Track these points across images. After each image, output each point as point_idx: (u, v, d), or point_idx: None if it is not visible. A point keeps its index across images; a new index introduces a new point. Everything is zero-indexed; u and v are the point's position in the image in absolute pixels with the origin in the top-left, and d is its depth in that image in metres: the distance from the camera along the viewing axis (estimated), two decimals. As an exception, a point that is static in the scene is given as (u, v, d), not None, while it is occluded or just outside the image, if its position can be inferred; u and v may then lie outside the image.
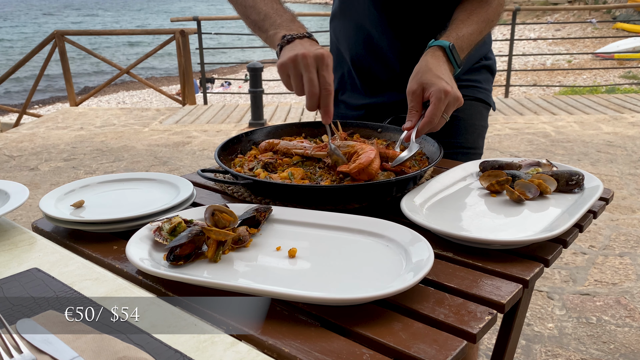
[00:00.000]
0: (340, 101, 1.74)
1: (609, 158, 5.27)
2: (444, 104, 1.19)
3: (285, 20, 1.25)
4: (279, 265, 0.86)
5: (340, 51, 1.70)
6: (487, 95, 1.66)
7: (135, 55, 21.59)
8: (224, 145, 1.30)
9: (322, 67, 1.10)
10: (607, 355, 2.49)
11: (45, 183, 5.02)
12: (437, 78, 1.21)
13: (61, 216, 0.99)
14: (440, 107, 1.19)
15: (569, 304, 2.92)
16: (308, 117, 7.66)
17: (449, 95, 1.19)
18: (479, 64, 1.65)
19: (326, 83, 1.10)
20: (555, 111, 7.38)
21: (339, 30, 1.68)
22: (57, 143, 6.46)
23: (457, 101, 1.22)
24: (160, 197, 1.13)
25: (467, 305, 0.77)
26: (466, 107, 1.58)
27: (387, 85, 1.62)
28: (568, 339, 2.63)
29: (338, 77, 1.73)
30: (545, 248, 0.93)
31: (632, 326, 2.69)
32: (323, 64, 1.10)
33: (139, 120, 7.75)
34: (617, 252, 3.44)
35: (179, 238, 0.85)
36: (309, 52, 1.10)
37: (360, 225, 0.96)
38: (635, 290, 2.99)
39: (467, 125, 1.60)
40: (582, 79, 13.65)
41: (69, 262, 0.87)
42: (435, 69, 1.23)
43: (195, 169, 5.27)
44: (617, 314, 2.80)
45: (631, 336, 2.61)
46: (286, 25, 1.23)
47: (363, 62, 1.62)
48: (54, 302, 0.74)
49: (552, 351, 2.55)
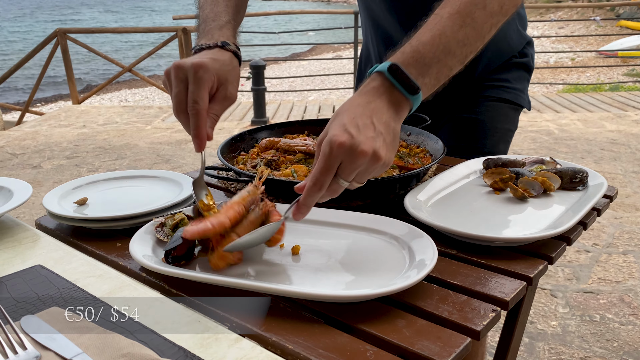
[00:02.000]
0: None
1: (613, 156, 5.26)
2: (333, 160, 0.78)
3: (214, 26, 1.08)
4: (282, 262, 0.86)
5: (368, 45, 1.66)
6: (517, 95, 1.52)
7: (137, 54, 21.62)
8: (227, 143, 1.30)
9: (191, 80, 0.92)
10: (610, 353, 2.48)
11: (48, 181, 5.03)
12: (341, 124, 0.80)
13: (64, 213, 1.00)
14: (327, 165, 0.78)
15: (573, 301, 2.91)
16: (311, 114, 7.66)
17: (342, 149, 0.77)
18: (511, 62, 1.52)
19: (192, 100, 0.92)
20: (558, 109, 7.36)
21: (365, 26, 1.63)
22: (59, 141, 6.47)
23: (363, 158, 0.78)
24: (164, 194, 1.13)
25: (470, 302, 0.76)
26: (488, 109, 1.48)
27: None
28: (571, 337, 2.62)
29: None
30: (550, 245, 0.92)
31: (636, 324, 2.69)
32: (193, 77, 0.92)
33: (141, 118, 7.76)
34: (621, 250, 3.43)
35: (174, 240, 0.84)
36: (186, 63, 0.93)
37: (363, 223, 0.96)
38: (639, 289, 2.99)
39: (487, 129, 1.48)
40: (586, 76, 13.61)
41: (73, 259, 0.87)
42: (352, 111, 0.82)
43: (197, 166, 5.28)
44: (621, 312, 2.79)
45: (635, 334, 2.61)
46: (209, 33, 1.07)
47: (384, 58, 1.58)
48: (58, 299, 0.75)
49: (556, 349, 2.54)
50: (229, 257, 0.80)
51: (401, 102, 0.84)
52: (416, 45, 0.87)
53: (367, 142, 0.78)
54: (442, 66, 0.88)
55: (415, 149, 1.32)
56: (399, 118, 0.85)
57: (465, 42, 0.90)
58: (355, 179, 0.81)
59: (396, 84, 0.83)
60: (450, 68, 0.90)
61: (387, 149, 0.81)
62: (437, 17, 0.91)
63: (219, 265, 0.80)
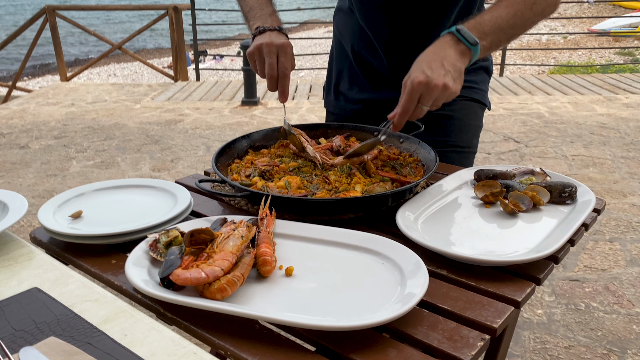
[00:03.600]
0: (340, 93, 1.76)
1: (602, 140, 5.30)
2: (414, 94, 1.13)
3: (264, 14, 1.41)
4: (276, 285, 0.87)
5: (343, 44, 1.72)
6: (483, 96, 1.67)
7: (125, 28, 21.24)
8: (221, 150, 1.30)
9: (282, 54, 1.28)
10: (594, 342, 2.54)
11: (36, 162, 4.99)
12: (420, 67, 1.15)
13: (59, 229, 1.00)
14: (411, 98, 1.14)
15: (559, 290, 2.97)
16: (302, 94, 7.62)
17: (421, 85, 1.12)
18: (475, 65, 1.65)
19: (283, 67, 1.28)
20: (549, 91, 7.38)
21: (342, 24, 1.70)
22: (47, 120, 6.40)
23: (437, 90, 1.13)
24: (158, 206, 1.13)
25: (460, 330, 0.78)
26: (462, 107, 1.61)
27: (387, 80, 1.64)
28: (557, 326, 2.68)
29: (338, 69, 1.76)
30: (538, 265, 0.95)
31: (620, 313, 2.75)
32: (283, 52, 1.28)
33: (130, 96, 7.69)
34: (607, 237, 3.49)
35: (168, 263, 0.85)
36: (273, 42, 1.28)
37: (356, 242, 0.97)
38: (624, 277, 3.05)
39: (462, 125, 1.62)
40: (578, 55, 13.61)
41: (69, 280, 0.88)
42: (427, 58, 1.17)
43: (187, 148, 5.26)
44: (606, 301, 2.85)
45: (618, 323, 2.67)
46: (263, 19, 1.38)
47: (364, 56, 1.64)
48: (55, 327, 0.76)
49: (541, 338, 2.60)
50: (228, 291, 0.81)
51: (464, 51, 1.18)
52: (479, 19, 1.22)
53: (439, 78, 1.12)
54: (495, 37, 1.23)
55: (408, 157, 1.34)
56: (464, 61, 1.18)
57: (513, 26, 1.26)
58: (433, 104, 1.15)
59: (460, 37, 1.18)
60: (500, 40, 1.26)
61: (454, 82, 1.15)
62: (497, 6, 1.26)
63: (216, 297, 0.81)
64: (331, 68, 1.81)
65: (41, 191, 4.32)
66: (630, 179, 4.37)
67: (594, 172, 4.52)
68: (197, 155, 5.09)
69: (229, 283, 0.82)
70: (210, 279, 0.82)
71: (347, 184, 1.19)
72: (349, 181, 1.20)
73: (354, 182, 1.19)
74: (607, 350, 2.49)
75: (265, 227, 0.98)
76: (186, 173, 4.64)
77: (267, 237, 0.94)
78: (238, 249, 0.87)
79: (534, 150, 5.07)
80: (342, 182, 1.19)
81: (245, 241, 0.89)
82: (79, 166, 4.87)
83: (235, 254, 0.86)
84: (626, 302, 2.83)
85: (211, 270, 0.82)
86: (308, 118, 6.33)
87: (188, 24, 8.59)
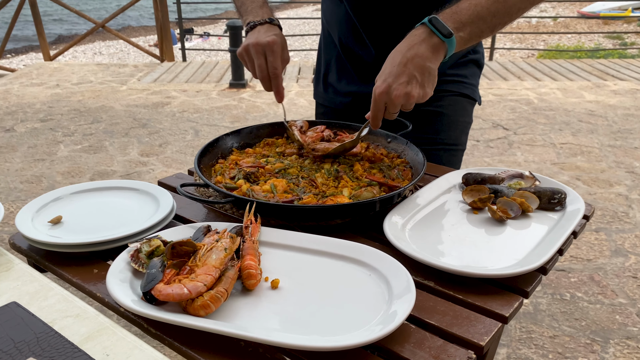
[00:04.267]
0: (329, 84, 1.72)
1: (590, 128, 5.31)
2: (379, 104, 1.13)
3: (255, 6, 1.38)
4: (261, 301, 0.86)
5: (330, 34, 1.67)
6: (473, 90, 1.63)
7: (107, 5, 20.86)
8: (204, 150, 1.27)
9: (269, 54, 1.25)
10: (578, 332, 2.57)
11: (23, 146, 4.92)
12: (383, 74, 1.12)
13: (39, 237, 0.98)
14: (376, 107, 1.13)
15: (545, 279, 2.99)
16: (291, 76, 7.55)
17: (382, 96, 1.11)
18: (465, 58, 1.61)
19: (272, 67, 1.26)
20: (539, 76, 7.38)
21: (330, 14, 1.65)
22: (32, 102, 6.30)
23: (399, 99, 1.09)
24: (140, 210, 1.11)
25: (446, 348, 0.78)
26: (450, 103, 1.59)
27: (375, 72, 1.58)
28: (542, 316, 2.71)
29: (327, 60, 1.72)
30: (526, 278, 0.94)
31: (604, 303, 2.78)
32: (270, 51, 1.25)
33: (116, 77, 7.58)
34: (594, 227, 3.51)
35: (150, 276, 0.83)
36: (259, 41, 1.25)
37: (344, 251, 0.96)
38: (609, 267, 3.08)
39: (450, 122, 1.59)
40: (567, 38, 13.60)
41: (49, 293, 0.86)
42: (394, 60, 1.12)
43: (175, 132, 5.20)
44: (590, 291, 2.88)
45: (602, 313, 2.70)
46: (254, 12, 1.36)
47: (352, 47, 1.60)
48: (35, 346, 0.74)
49: (527, 327, 2.63)
50: (212, 307, 0.80)
51: (438, 46, 1.11)
52: (455, 8, 1.14)
53: (399, 88, 1.09)
54: (474, 27, 1.14)
55: (396, 159, 1.32)
56: (436, 59, 1.12)
57: (495, 14, 1.16)
58: (403, 109, 1.13)
59: (433, 29, 1.10)
60: (482, 31, 1.17)
61: (421, 87, 1.10)
62: None
63: (199, 314, 0.80)
64: (320, 58, 1.77)
65: (29, 176, 4.26)
66: (616, 168, 4.40)
67: (581, 161, 4.53)
68: (186, 140, 5.03)
69: (212, 299, 0.80)
70: (192, 295, 0.80)
71: (334, 188, 1.17)
72: (337, 184, 1.18)
73: (341, 185, 1.17)
74: (591, 340, 2.52)
75: (250, 236, 0.97)
76: (175, 158, 4.60)
77: (252, 247, 0.93)
78: (221, 262, 0.85)
79: (523, 138, 5.08)
80: (329, 186, 1.17)
81: (229, 254, 0.87)
82: (66, 150, 4.81)
83: (218, 268, 0.84)
84: (610, 292, 2.86)
85: (194, 286, 0.80)
86: (297, 102, 6.28)
87: (172, 1, 8.44)
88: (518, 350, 2.45)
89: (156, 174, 4.29)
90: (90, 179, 4.19)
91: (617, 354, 2.42)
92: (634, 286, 2.90)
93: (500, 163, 4.50)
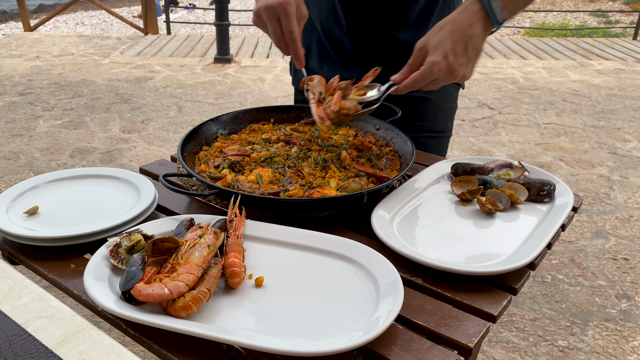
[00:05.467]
0: (310, 70, 1.65)
1: (574, 108, 5.33)
2: (431, 76, 1.08)
3: None
4: (245, 300, 0.83)
5: (310, 18, 1.60)
6: None
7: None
8: (187, 137, 1.23)
9: (283, 16, 1.14)
10: (558, 314, 2.60)
11: (0, 120, 4.80)
12: (443, 49, 1.07)
13: (14, 231, 0.94)
14: (425, 78, 1.08)
15: (527, 262, 3.01)
16: (277, 52, 7.44)
17: (441, 73, 1.07)
18: None
19: (288, 31, 1.15)
20: (525, 55, 7.36)
21: None
22: (11, 74, 6.14)
23: (456, 79, 1.09)
24: (120, 201, 1.07)
25: (434, 350, 0.76)
26: (437, 90, 1.55)
27: (359, 58, 1.54)
28: (523, 298, 2.73)
29: (306, 44, 1.64)
30: (515, 274, 0.93)
31: (584, 285, 2.81)
32: (283, 13, 1.14)
33: (98, 49, 7.41)
34: (575, 209, 3.53)
35: (129, 275, 0.80)
36: (270, 3, 1.14)
37: (330, 247, 0.93)
38: (590, 249, 3.11)
39: (437, 109, 1.56)
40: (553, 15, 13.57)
41: (23, 291, 0.82)
42: (453, 36, 1.08)
43: (157, 108, 5.11)
44: (571, 273, 2.91)
45: (582, 296, 2.73)
46: None
47: (332, 31, 1.54)
48: (7, 350, 0.71)
49: (508, 310, 2.65)
50: (193, 308, 0.77)
51: (489, 28, 1.11)
52: None
53: (460, 68, 1.08)
54: (514, 6, 1.13)
55: (385, 147, 1.29)
56: (485, 40, 1.11)
57: None
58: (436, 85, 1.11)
59: (489, 11, 1.09)
60: (519, 7, 1.16)
61: (472, 69, 1.11)
62: None
63: (180, 315, 0.77)
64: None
65: (7, 152, 4.16)
66: (599, 148, 4.42)
67: (564, 142, 4.55)
68: (169, 116, 4.95)
69: (194, 300, 0.77)
70: (174, 295, 0.77)
71: (321, 178, 1.14)
72: (324, 175, 1.15)
73: (328, 176, 1.15)
74: (570, 322, 2.55)
75: (234, 231, 0.94)
76: (157, 135, 4.52)
77: (236, 243, 0.90)
78: (204, 260, 0.82)
79: (508, 117, 5.08)
80: (316, 176, 1.14)
81: (212, 251, 0.84)
82: (45, 126, 4.70)
83: (201, 267, 0.81)
84: (590, 275, 2.89)
85: (175, 285, 0.78)
86: (283, 78, 6.20)
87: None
88: (499, 334, 2.48)
89: (138, 151, 4.22)
90: (70, 156, 4.11)
91: (595, 336, 2.45)
92: (614, 268, 2.93)
93: (484, 143, 4.49)
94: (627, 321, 2.54)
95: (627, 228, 3.31)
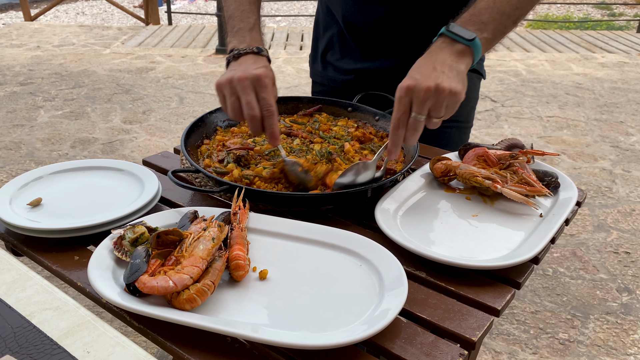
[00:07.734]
0: (328, 63, 1.62)
1: (577, 101, 5.31)
2: (402, 102, 0.97)
3: (244, 27, 1.19)
4: (249, 292, 0.83)
5: (330, 10, 1.57)
6: (481, 65, 1.59)
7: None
8: (189, 130, 1.22)
9: (260, 89, 1.05)
10: (559, 307, 2.61)
11: (1, 110, 4.79)
12: (410, 75, 0.99)
13: (17, 222, 0.94)
14: (399, 107, 0.98)
15: (528, 255, 3.02)
16: (279, 42, 7.42)
17: (408, 91, 0.97)
18: None
19: (267, 104, 1.05)
20: (528, 47, 7.33)
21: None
22: (11, 64, 6.12)
23: (428, 92, 0.96)
24: (124, 193, 1.07)
25: (438, 344, 0.76)
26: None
27: (383, 49, 1.49)
28: (524, 291, 2.73)
29: (327, 38, 1.61)
30: (519, 268, 0.93)
31: (585, 278, 2.81)
32: (260, 86, 1.05)
33: (99, 40, 7.39)
34: (577, 202, 3.53)
35: (134, 267, 0.80)
36: (246, 74, 1.05)
37: (334, 240, 0.93)
38: (591, 242, 3.11)
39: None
40: (556, 7, 13.50)
41: (27, 283, 0.82)
42: (417, 65, 1.02)
43: (159, 99, 5.10)
44: (572, 266, 2.92)
45: (583, 289, 2.74)
46: (241, 35, 1.17)
47: (356, 21, 1.49)
48: (11, 341, 0.71)
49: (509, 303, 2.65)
50: (198, 301, 0.77)
51: (462, 50, 1.02)
52: (472, 10, 1.06)
53: (428, 79, 0.96)
54: (497, 24, 1.05)
55: (386, 138, 1.29)
56: (463, 61, 1.02)
57: (517, 6, 1.08)
58: (431, 113, 0.98)
59: (453, 36, 1.02)
60: (505, 26, 1.08)
61: (451, 81, 0.97)
62: None
63: (185, 308, 0.77)
64: (317, 35, 1.66)
65: (8, 142, 4.16)
66: (602, 142, 4.41)
67: (567, 135, 4.54)
68: (170, 107, 4.94)
69: (198, 293, 0.77)
70: (178, 288, 0.77)
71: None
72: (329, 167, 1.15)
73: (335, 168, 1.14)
74: (571, 315, 2.56)
75: (238, 223, 0.94)
76: (159, 126, 4.51)
77: (240, 236, 0.90)
78: (209, 253, 0.82)
79: (510, 110, 5.06)
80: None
81: (216, 244, 0.84)
82: (47, 116, 4.70)
83: (205, 259, 0.81)
84: (591, 268, 2.89)
85: (179, 278, 0.78)
86: (285, 70, 6.18)
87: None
88: (500, 326, 2.48)
89: (139, 142, 4.21)
90: (71, 147, 4.11)
91: (596, 329, 2.46)
92: (615, 261, 2.94)
93: (487, 136, 4.49)
94: (628, 314, 2.55)
95: (629, 222, 3.31)
